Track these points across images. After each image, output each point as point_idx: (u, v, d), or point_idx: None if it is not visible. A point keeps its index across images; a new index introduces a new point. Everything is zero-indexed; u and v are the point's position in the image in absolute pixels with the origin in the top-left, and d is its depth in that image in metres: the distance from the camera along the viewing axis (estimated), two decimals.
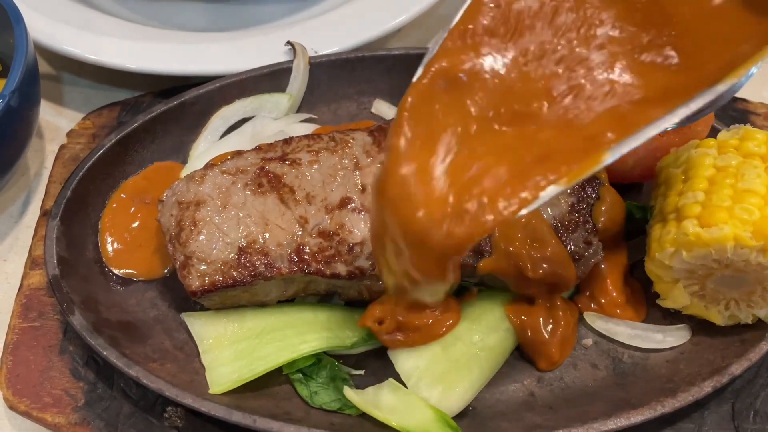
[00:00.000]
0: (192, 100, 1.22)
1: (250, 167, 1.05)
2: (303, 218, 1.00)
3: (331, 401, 0.96)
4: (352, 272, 0.97)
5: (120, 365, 0.93)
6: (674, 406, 0.93)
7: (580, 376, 1.01)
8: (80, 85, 1.42)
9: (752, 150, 0.98)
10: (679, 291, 0.99)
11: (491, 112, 0.76)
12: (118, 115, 1.29)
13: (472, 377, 0.96)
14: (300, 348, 0.96)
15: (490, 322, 1.01)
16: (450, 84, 0.78)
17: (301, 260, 0.97)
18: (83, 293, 1.02)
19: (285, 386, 0.99)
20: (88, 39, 1.31)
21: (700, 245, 0.92)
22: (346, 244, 0.98)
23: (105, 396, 0.99)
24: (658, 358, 1.02)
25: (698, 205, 0.94)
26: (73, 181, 1.10)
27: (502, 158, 0.75)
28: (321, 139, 1.09)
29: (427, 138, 0.76)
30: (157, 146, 1.20)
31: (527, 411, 0.97)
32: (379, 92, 1.31)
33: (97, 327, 0.97)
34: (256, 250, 0.97)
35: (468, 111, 0.77)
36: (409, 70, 1.30)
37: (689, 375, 0.98)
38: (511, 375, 1.01)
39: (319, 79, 1.28)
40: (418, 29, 1.54)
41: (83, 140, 1.26)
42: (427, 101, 0.78)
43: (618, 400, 0.96)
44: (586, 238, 1.00)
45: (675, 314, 1.04)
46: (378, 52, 1.30)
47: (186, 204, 1.01)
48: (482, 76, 0.78)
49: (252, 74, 1.25)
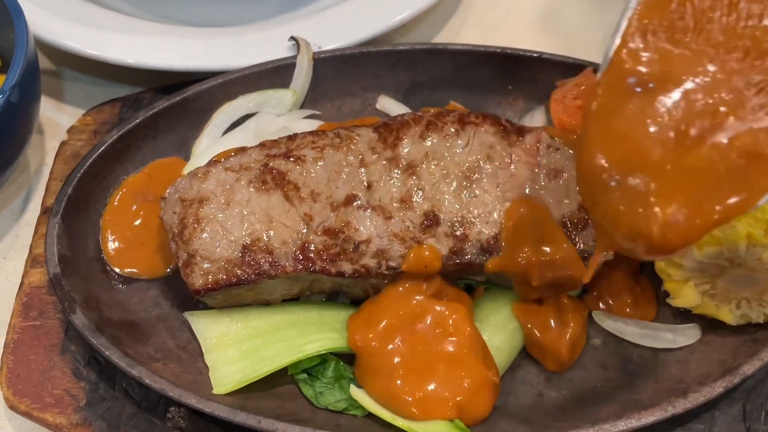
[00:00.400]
0: (194, 96, 1.21)
1: (254, 164, 1.03)
2: (308, 216, 0.98)
3: (337, 401, 0.95)
4: (358, 271, 0.96)
5: (122, 365, 0.92)
6: (685, 407, 0.91)
7: (589, 376, 1.00)
8: (81, 81, 1.41)
9: None
10: (689, 290, 0.97)
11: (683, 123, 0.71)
12: (120, 111, 1.28)
13: None
14: (305, 348, 0.95)
15: (497, 322, 1.00)
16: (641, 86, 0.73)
17: (306, 258, 0.96)
18: (85, 292, 1.01)
19: (290, 386, 0.97)
20: (89, 34, 1.29)
21: (712, 243, 0.91)
22: (352, 242, 0.97)
23: (107, 396, 0.97)
24: (668, 358, 1.01)
25: None
26: (74, 179, 1.09)
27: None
28: (326, 135, 1.08)
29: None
30: (159, 143, 1.18)
31: (536, 412, 0.95)
32: (384, 88, 1.29)
33: (99, 326, 0.96)
34: (260, 248, 0.96)
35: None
36: (414, 65, 1.30)
37: (700, 375, 0.96)
38: (519, 375, 1.00)
39: (323, 75, 1.27)
40: (424, 24, 1.53)
41: (84, 137, 1.25)
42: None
43: (628, 400, 0.95)
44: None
45: (685, 313, 1.03)
46: (383, 48, 1.28)
47: (189, 201, 1.00)
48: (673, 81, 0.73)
49: (255, 70, 1.23)
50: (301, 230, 0.97)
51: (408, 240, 0.97)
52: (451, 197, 1.00)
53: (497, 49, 1.28)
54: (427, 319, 0.96)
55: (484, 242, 0.97)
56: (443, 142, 1.04)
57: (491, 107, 1.27)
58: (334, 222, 0.98)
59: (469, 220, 0.98)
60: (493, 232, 0.97)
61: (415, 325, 0.96)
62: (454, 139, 1.04)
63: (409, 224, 0.98)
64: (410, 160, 1.03)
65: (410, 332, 0.95)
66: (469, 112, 1.10)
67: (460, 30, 1.53)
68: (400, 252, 0.97)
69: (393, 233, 0.97)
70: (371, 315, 0.96)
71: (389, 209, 0.99)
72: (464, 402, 0.91)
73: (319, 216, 0.98)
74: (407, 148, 1.04)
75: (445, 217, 0.98)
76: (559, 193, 1.00)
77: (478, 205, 0.99)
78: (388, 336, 0.94)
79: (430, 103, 1.28)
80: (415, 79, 1.29)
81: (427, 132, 1.05)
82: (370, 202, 0.99)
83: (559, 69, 1.24)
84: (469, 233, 0.97)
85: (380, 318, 0.95)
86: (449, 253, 0.97)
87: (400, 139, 1.04)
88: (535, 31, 1.53)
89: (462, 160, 1.03)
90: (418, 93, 1.29)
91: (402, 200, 1.00)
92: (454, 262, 0.97)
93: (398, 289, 0.98)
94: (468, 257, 0.97)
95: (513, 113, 1.28)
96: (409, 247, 0.97)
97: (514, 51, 1.27)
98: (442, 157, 1.03)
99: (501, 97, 1.29)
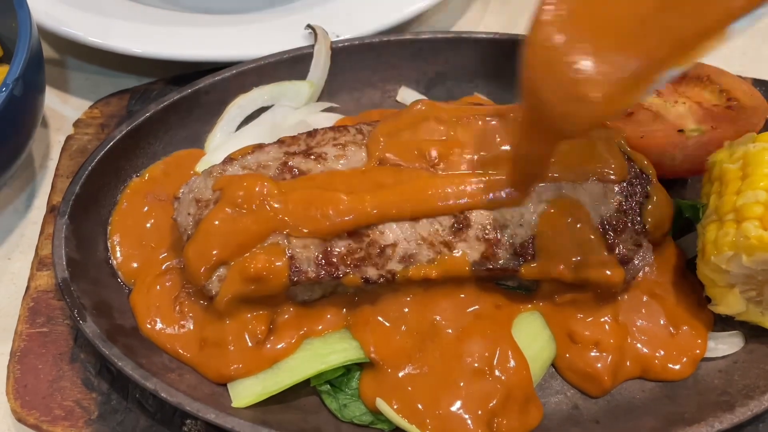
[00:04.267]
0: (206, 89, 1.15)
1: (273, 162, 0.97)
2: None
3: (362, 414, 0.90)
4: (384, 276, 0.91)
5: (136, 377, 0.87)
6: (732, 422, 0.86)
7: (627, 387, 0.95)
8: (87, 71, 1.34)
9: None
10: (734, 296, 0.92)
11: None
12: (128, 103, 1.22)
13: None
14: (329, 359, 0.90)
15: (531, 330, 0.94)
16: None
17: (329, 264, 0.90)
18: (95, 297, 0.96)
19: (312, 398, 0.93)
20: (95, 22, 1.23)
21: (763, 249, 0.85)
22: (377, 245, 0.91)
23: (119, 408, 0.92)
24: (709, 368, 0.96)
25: (760, 206, 0.87)
26: (81, 176, 1.03)
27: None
28: (347, 131, 1.02)
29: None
30: (170, 138, 1.13)
31: (572, 425, 0.91)
32: (405, 79, 1.23)
33: (111, 335, 0.91)
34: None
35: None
36: (436, 55, 1.24)
37: (745, 387, 0.91)
38: (553, 386, 0.95)
39: (341, 66, 1.21)
40: (445, 12, 1.46)
41: (91, 131, 1.19)
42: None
43: (669, 413, 0.90)
44: (636, 240, 0.93)
45: (726, 320, 0.98)
46: (404, 36, 1.22)
47: (204, 202, 0.94)
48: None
49: (270, 60, 1.17)
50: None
51: (437, 244, 0.92)
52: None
53: (524, 37, 1.21)
54: (459, 329, 0.91)
55: (518, 247, 0.92)
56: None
57: (517, 99, 1.21)
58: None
59: (502, 222, 0.92)
60: (528, 236, 0.92)
61: (444, 335, 0.91)
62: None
63: (438, 227, 0.92)
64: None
65: (438, 343, 0.90)
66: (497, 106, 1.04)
67: (482, 17, 1.47)
68: (429, 257, 0.91)
69: (421, 236, 0.92)
70: (394, 322, 0.91)
71: None
72: (496, 417, 0.86)
73: None
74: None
75: (477, 219, 0.93)
76: (596, 195, 0.94)
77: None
78: (411, 346, 0.89)
79: (454, 96, 1.22)
80: (438, 70, 1.23)
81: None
82: None
83: None
84: (502, 237, 0.92)
85: (399, 325, 0.90)
86: (481, 258, 0.91)
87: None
88: None
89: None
90: (440, 84, 1.23)
91: None
92: (486, 267, 0.91)
93: (426, 295, 0.93)
94: (501, 263, 0.91)
95: None
96: (439, 252, 0.91)
97: None
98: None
99: None
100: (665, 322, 0.97)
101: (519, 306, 0.96)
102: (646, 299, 0.99)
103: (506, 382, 0.89)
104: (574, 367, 0.94)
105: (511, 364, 0.90)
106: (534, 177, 0.92)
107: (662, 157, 1.02)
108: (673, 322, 0.97)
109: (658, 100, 1.07)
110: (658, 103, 1.06)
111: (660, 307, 0.98)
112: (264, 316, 0.92)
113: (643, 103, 1.07)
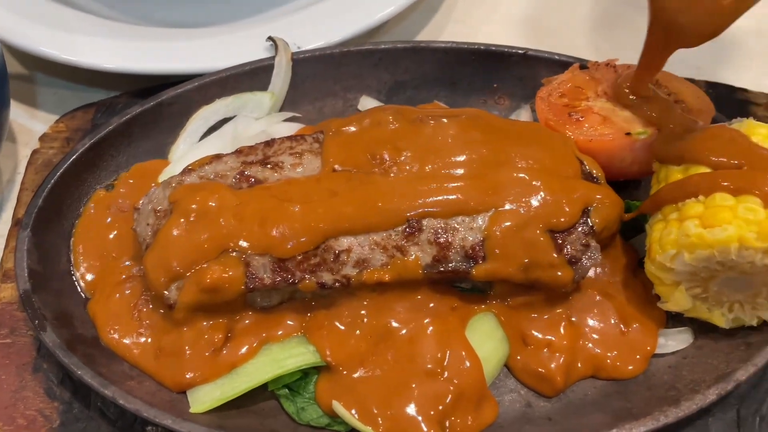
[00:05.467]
0: (170, 101, 1.17)
1: (230, 172, 1.00)
2: None
3: (319, 417, 0.92)
4: (339, 281, 0.93)
5: (95, 385, 0.88)
6: (678, 416, 0.89)
7: (579, 384, 0.97)
8: (55, 86, 1.37)
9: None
10: (680, 293, 0.94)
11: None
12: (93, 117, 1.24)
13: None
14: (286, 363, 0.92)
15: (485, 330, 0.97)
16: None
17: (284, 270, 0.92)
18: (57, 308, 0.97)
19: (271, 402, 0.94)
20: (60, 38, 1.26)
21: (703, 247, 0.88)
22: (332, 251, 0.93)
23: (81, 416, 0.94)
24: (660, 364, 0.98)
25: (700, 205, 0.90)
26: (44, 190, 1.05)
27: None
28: (304, 140, 1.04)
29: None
30: (133, 150, 1.15)
31: (525, 423, 0.93)
32: (366, 88, 1.26)
33: (72, 344, 0.92)
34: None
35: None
36: (397, 64, 1.26)
37: (693, 381, 0.94)
38: (507, 385, 0.97)
39: (302, 76, 1.23)
40: (407, 22, 1.49)
41: (56, 144, 1.21)
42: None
43: (618, 409, 0.92)
44: (584, 240, 0.95)
45: (676, 317, 1.00)
46: (364, 47, 1.25)
47: (163, 212, 0.96)
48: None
49: (232, 72, 1.20)
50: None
51: (390, 248, 0.94)
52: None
53: (481, 47, 1.24)
54: (413, 331, 0.93)
55: (469, 249, 0.94)
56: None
57: (476, 106, 1.24)
58: None
59: (453, 226, 0.95)
60: (479, 238, 0.94)
61: (399, 338, 0.93)
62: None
63: (392, 232, 0.95)
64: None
65: (392, 346, 0.92)
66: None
67: (444, 27, 1.50)
68: (383, 261, 0.93)
69: (374, 241, 0.94)
70: (349, 326, 0.93)
71: None
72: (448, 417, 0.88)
73: None
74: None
75: (428, 224, 0.95)
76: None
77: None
78: (366, 349, 0.91)
79: (414, 103, 1.25)
80: (398, 79, 1.26)
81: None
82: None
83: (545, 66, 1.22)
84: (453, 240, 0.94)
85: (354, 329, 0.92)
86: (433, 261, 0.94)
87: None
88: (522, 27, 1.49)
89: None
90: (401, 93, 1.26)
91: None
92: (438, 270, 0.94)
93: (382, 298, 0.95)
94: (452, 265, 0.94)
95: (499, 112, 1.25)
96: (391, 256, 0.93)
97: (499, 48, 1.24)
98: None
99: (486, 96, 1.26)
100: (617, 321, 0.99)
101: (474, 307, 0.98)
102: (599, 299, 1.01)
103: (459, 382, 0.91)
104: (527, 369, 0.96)
105: (464, 363, 0.92)
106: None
107: (611, 159, 1.05)
108: (624, 320, 1.00)
109: (608, 105, 1.10)
110: (606, 107, 1.09)
111: (612, 306, 1.00)
112: (222, 324, 0.93)
113: (593, 107, 1.09)
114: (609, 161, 1.04)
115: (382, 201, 0.94)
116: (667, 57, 1.02)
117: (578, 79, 1.15)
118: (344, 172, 0.98)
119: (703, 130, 0.99)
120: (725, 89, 1.30)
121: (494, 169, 0.98)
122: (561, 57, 1.22)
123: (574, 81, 1.15)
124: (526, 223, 0.94)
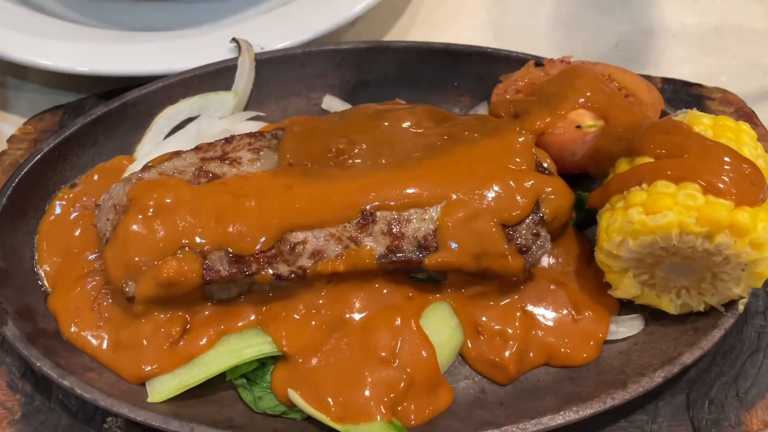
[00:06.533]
0: (134, 101, 1.19)
1: (189, 167, 1.02)
2: None
3: (276, 405, 0.94)
4: (295, 272, 0.95)
5: (53, 375, 0.90)
6: (624, 398, 0.91)
7: (532, 371, 0.99)
8: (25, 90, 1.39)
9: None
10: (629, 280, 0.97)
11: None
12: (61, 118, 1.26)
13: None
14: (243, 353, 0.93)
15: (439, 318, 0.99)
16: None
17: (241, 262, 0.94)
18: (19, 303, 0.99)
19: (229, 392, 0.96)
20: (26, 42, 1.28)
21: (646, 233, 0.90)
22: (288, 243, 0.95)
23: (43, 408, 0.96)
24: (611, 350, 1.00)
25: (644, 193, 0.93)
26: (8, 189, 1.07)
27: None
28: (263, 136, 1.07)
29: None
30: (98, 149, 1.17)
31: (478, 408, 0.95)
32: (330, 87, 1.28)
33: (32, 338, 0.94)
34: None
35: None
36: (359, 64, 1.29)
37: (641, 366, 0.96)
38: (462, 372, 0.99)
39: (267, 76, 1.26)
40: (373, 23, 1.52)
41: (24, 146, 1.23)
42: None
43: (569, 394, 0.95)
44: (534, 230, 0.98)
45: (628, 304, 1.02)
46: (326, 47, 1.27)
47: (122, 208, 0.98)
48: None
49: (196, 73, 1.22)
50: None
51: (344, 239, 0.96)
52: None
53: (441, 46, 1.27)
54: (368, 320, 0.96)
55: (422, 239, 0.96)
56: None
57: (438, 104, 1.26)
58: None
59: (406, 217, 0.97)
60: (431, 229, 0.96)
61: (354, 327, 0.95)
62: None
63: (346, 223, 0.97)
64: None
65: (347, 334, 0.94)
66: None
67: (410, 28, 1.53)
68: (337, 251, 0.96)
69: (329, 233, 0.96)
70: (305, 316, 0.95)
71: None
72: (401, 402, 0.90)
73: None
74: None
75: (382, 215, 0.97)
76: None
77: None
78: (321, 338, 0.93)
79: (376, 101, 1.27)
80: (361, 78, 1.28)
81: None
82: None
83: (504, 64, 1.24)
84: (406, 230, 0.97)
85: (310, 319, 0.94)
86: (386, 251, 0.96)
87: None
88: (487, 28, 1.52)
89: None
90: (363, 91, 1.29)
91: None
92: (392, 260, 0.96)
93: (338, 289, 0.97)
94: (405, 255, 0.96)
95: (459, 110, 1.28)
96: (346, 247, 0.96)
97: (458, 47, 1.27)
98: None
99: (447, 94, 1.29)
100: (569, 310, 1.02)
101: (429, 297, 1.00)
102: (553, 288, 1.03)
103: (412, 369, 0.93)
104: (481, 357, 0.98)
105: (418, 351, 0.94)
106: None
107: (563, 152, 1.08)
108: (576, 308, 1.02)
109: None
110: None
111: (565, 294, 1.03)
112: (180, 317, 0.95)
113: None
114: (561, 154, 1.07)
115: (336, 194, 0.96)
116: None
117: (534, 76, 1.18)
118: (300, 166, 1.01)
119: (649, 123, 1.01)
120: (681, 85, 1.33)
121: (447, 161, 1.00)
122: (519, 55, 1.25)
123: (530, 77, 1.18)
124: (476, 213, 0.96)
